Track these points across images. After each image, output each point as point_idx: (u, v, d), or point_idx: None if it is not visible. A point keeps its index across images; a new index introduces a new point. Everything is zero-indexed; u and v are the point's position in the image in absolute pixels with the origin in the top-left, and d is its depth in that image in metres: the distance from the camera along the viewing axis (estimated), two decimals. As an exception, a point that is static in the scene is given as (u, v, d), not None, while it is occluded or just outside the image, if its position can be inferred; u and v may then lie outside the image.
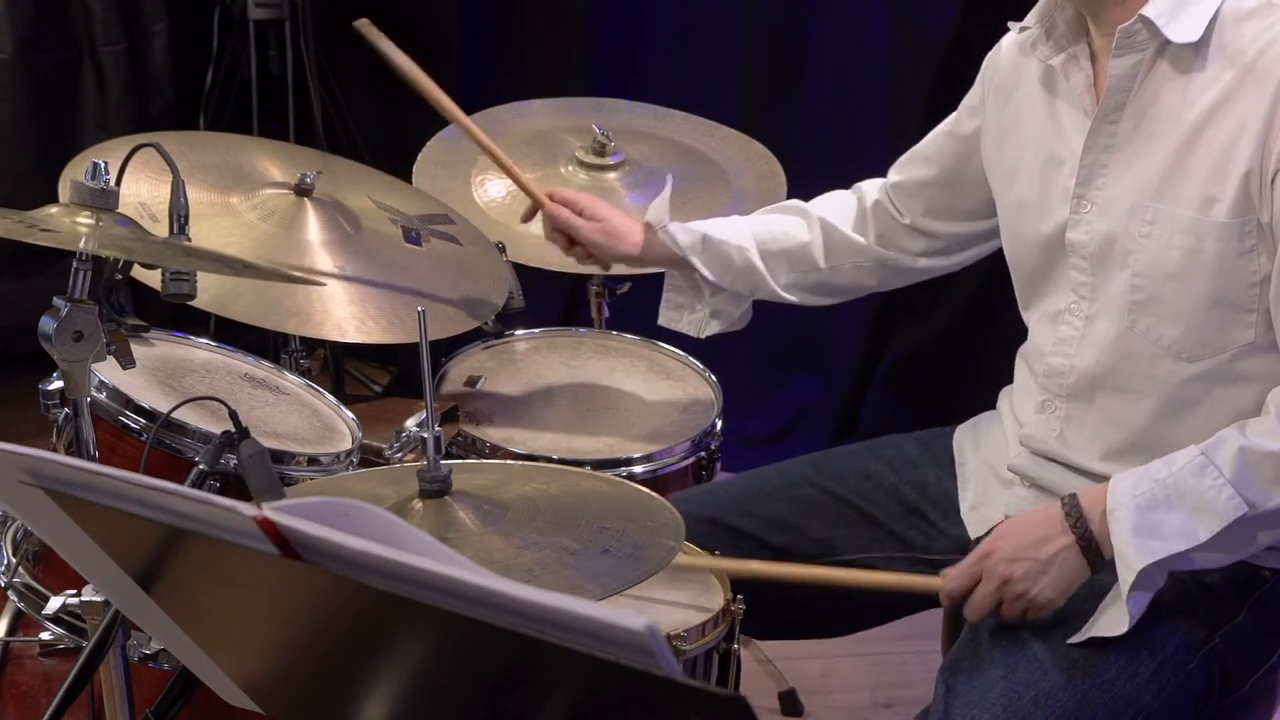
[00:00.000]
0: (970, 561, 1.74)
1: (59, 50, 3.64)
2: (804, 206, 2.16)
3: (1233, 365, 1.71)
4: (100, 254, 1.62)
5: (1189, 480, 1.63)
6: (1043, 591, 1.68)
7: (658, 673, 0.89)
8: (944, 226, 2.07)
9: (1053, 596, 1.69)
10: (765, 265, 2.11)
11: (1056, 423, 1.83)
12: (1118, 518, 1.64)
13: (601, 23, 3.64)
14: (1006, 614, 1.71)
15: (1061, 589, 1.69)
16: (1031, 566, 1.68)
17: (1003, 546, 1.71)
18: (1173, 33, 1.66)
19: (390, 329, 2.04)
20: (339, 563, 1.01)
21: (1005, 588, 1.69)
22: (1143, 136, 1.71)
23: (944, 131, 2.04)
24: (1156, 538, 1.62)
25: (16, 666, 1.96)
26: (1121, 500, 1.65)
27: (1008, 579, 1.69)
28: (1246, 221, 1.65)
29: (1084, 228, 1.77)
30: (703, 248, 2.12)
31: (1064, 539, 1.68)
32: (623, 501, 1.63)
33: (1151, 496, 1.64)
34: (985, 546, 1.73)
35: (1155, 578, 1.65)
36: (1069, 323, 1.81)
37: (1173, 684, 1.70)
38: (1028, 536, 1.70)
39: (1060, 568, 1.68)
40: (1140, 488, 1.65)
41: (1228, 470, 1.61)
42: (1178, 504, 1.63)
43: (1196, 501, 1.62)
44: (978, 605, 1.72)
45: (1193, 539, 1.62)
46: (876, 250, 2.11)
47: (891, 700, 2.81)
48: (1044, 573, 1.68)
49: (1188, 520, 1.62)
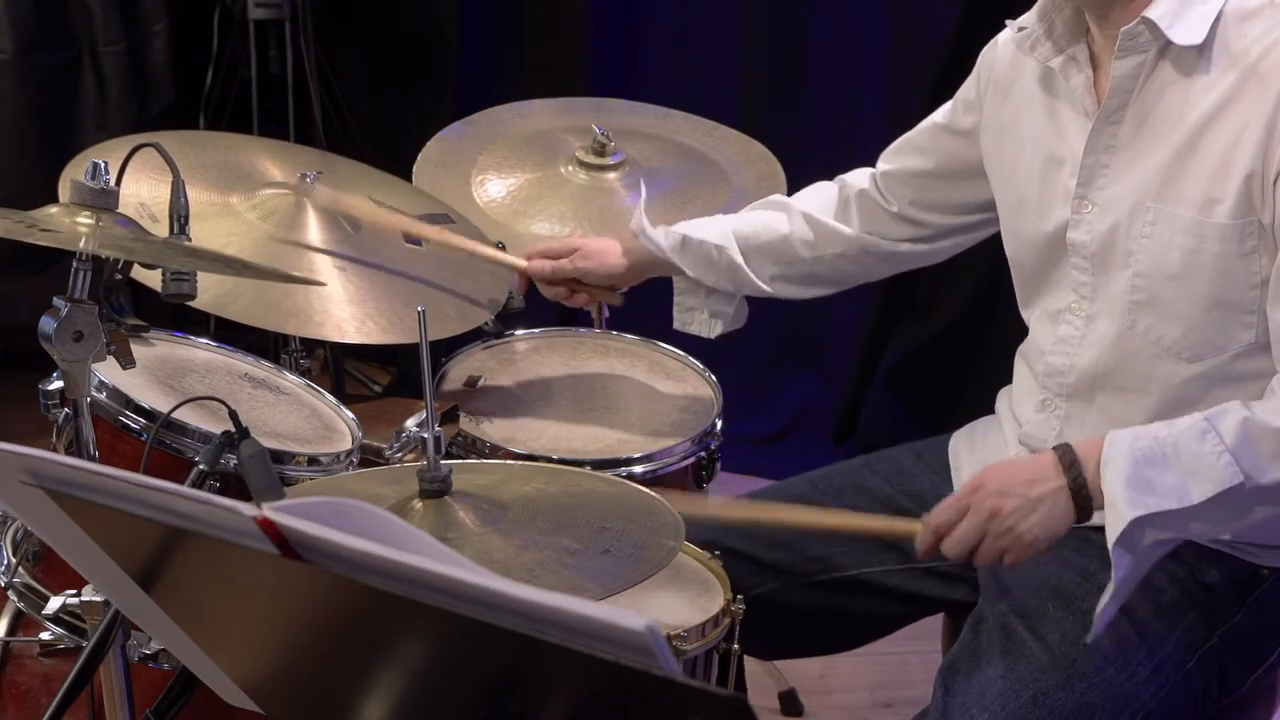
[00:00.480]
0: (957, 495, 1.71)
1: (59, 50, 3.64)
2: (785, 200, 2.17)
3: (1233, 366, 1.70)
4: (100, 254, 1.62)
5: (1189, 442, 1.60)
6: (1030, 529, 1.65)
7: (658, 673, 0.89)
8: (931, 217, 2.07)
9: (1039, 535, 1.65)
10: (747, 261, 2.12)
11: (1056, 422, 1.83)
12: (1113, 468, 1.62)
13: (601, 23, 3.64)
14: (986, 550, 1.67)
15: (1049, 530, 1.66)
16: (1021, 502, 1.65)
17: (992, 481, 1.68)
18: (1176, 34, 1.66)
19: (390, 329, 2.04)
20: (339, 563, 1.01)
21: (992, 521, 1.66)
22: (1145, 137, 1.71)
23: (939, 124, 2.04)
24: (1150, 493, 1.59)
25: (16, 666, 1.96)
26: (1118, 451, 1.62)
27: (996, 512, 1.66)
28: (1248, 223, 1.65)
29: (1085, 228, 1.77)
30: (683, 248, 2.14)
31: (1056, 480, 1.65)
32: (623, 501, 1.63)
33: (1149, 452, 1.61)
34: (974, 480, 1.70)
35: (1141, 537, 1.61)
36: (1069, 322, 1.81)
37: (1171, 683, 1.70)
38: (1019, 474, 1.68)
39: (1050, 508, 1.65)
40: (1139, 443, 1.62)
41: (1229, 438, 1.59)
42: (1174, 463, 1.60)
43: (1193, 463, 1.60)
44: (961, 537, 1.68)
45: (1185, 499, 1.59)
46: (859, 238, 2.11)
47: (891, 700, 2.81)
48: (1033, 510, 1.65)
49: (1182, 481, 1.59)
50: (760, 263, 2.13)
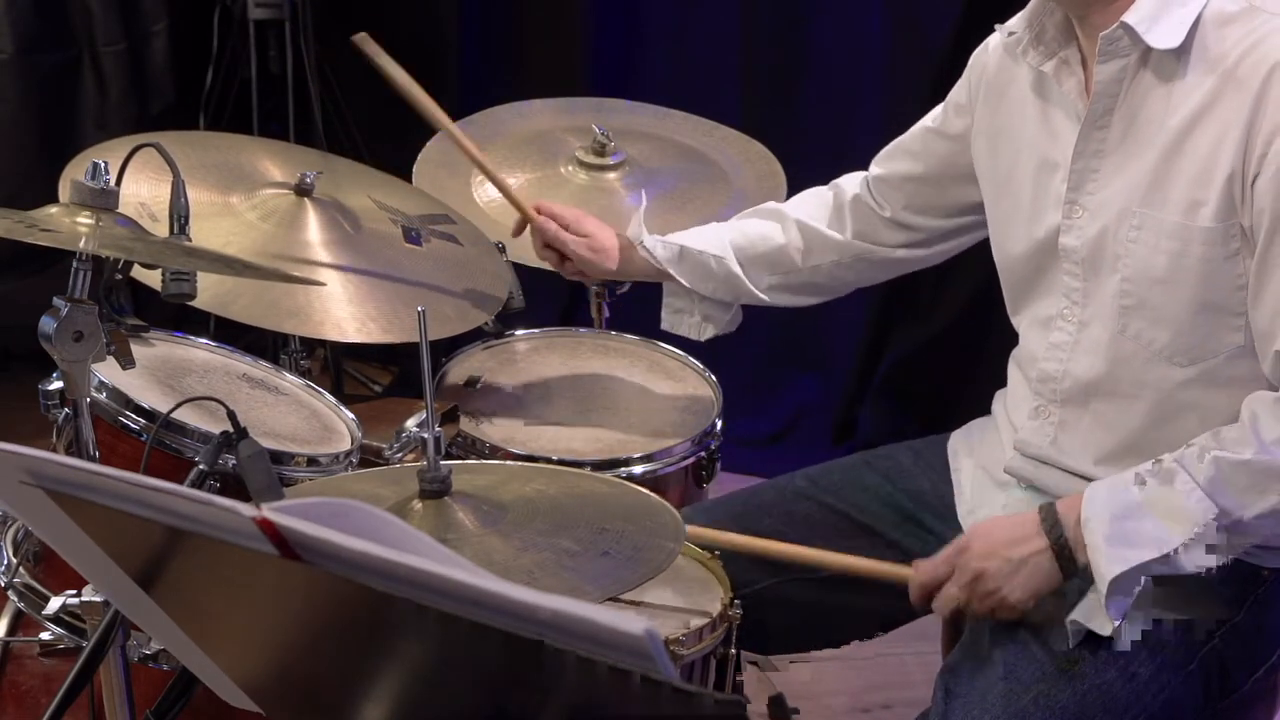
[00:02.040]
0: (945, 555, 1.75)
1: (59, 50, 3.64)
2: (780, 209, 2.17)
3: (1224, 369, 1.71)
4: (100, 254, 1.62)
5: (1162, 488, 1.64)
6: (1013, 591, 1.69)
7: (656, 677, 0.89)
8: (925, 220, 2.07)
9: (1021, 597, 1.70)
10: (745, 272, 2.13)
11: (1050, 428, 1.83)
12: (1091, 527, 1.66)
13: (601, 23, 3.64)
14: (974, 611, 1.72)
15: (1031, 591, 1.70)
16: (1004, 566, 1.69)
17: (978, 544, 1.72)
18: (1153, 39, 1.66)
19: (390, 329, 2.04)
20: (338, 563, 1.01)
21: (976, 584, 1.70)
22: (1131, 141, 1.71)
23: (930, 128, 2.03)
24: (1130, 546, 1.63)
25: (16, 666, 1.96)
26: (1096, 510, 1.66)
27: (980, 575, 1.70)
28: (1231, 225, 1.65)
29: (1076, 232, 1.77)
30: (680, 259, 2.14)
31: (1038, 542, 1.69)
32: (622, 503, 1.63)
33: (1125, 505, 1.65)
34: (961, 542, 1.74)
35: (1132, 583, 1.65)
36: (1061, 328, 1.81)
37: (1172, 684, 1.71)
38: (1004, 536, 1.71)
39: (1032, 570, 1.69)
40: (1115, 496, 1.66)
41: (1200, 477, 1.62)
42: (1151, 511, 1.63)
43: (1169, 508, 1.63)
44: (947, 599, 1.73)
45: (1165, 545, 1.62)
46: (854, 245, 2.11)
47: (891, 701, 2.81)
48: (1015, 573, 1.69)
49: (1160, 527, 1.63)
50: (758, 273, 2.14)
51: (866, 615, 2.01)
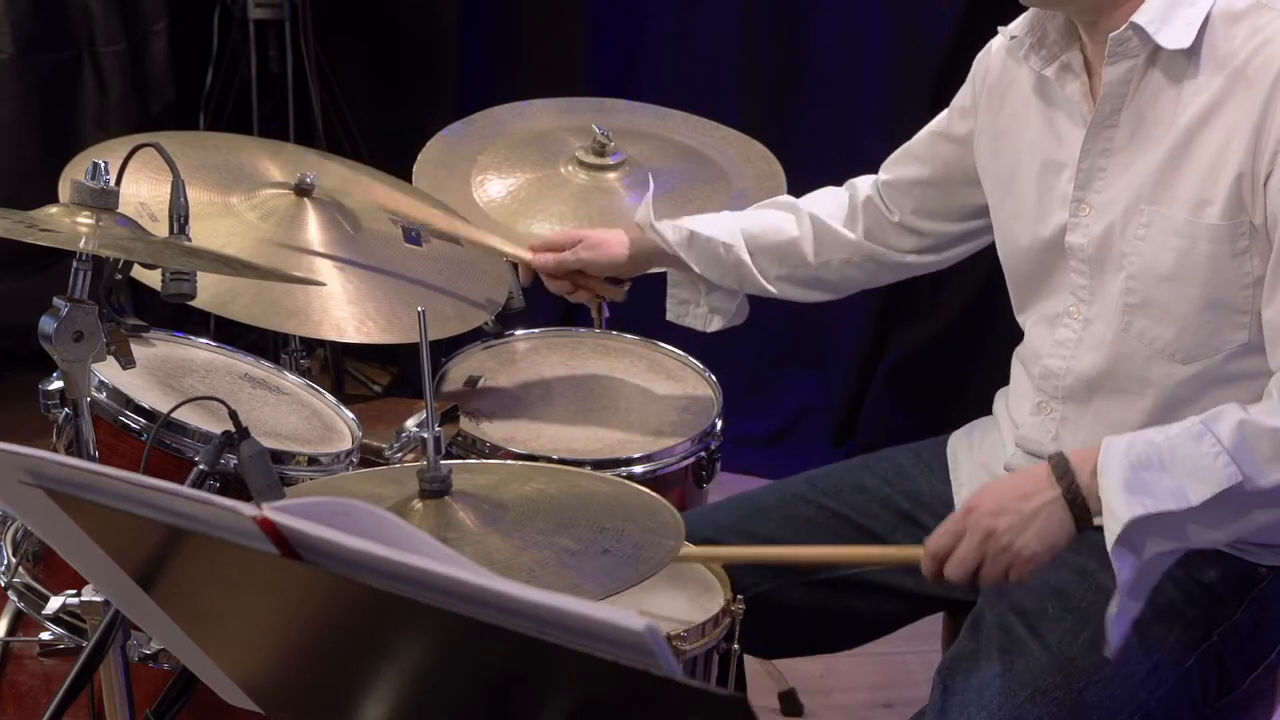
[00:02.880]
0: (953, 519, 1.70)
1: (59, 50, 3.64)
2: (794, 202, 2.17)
3: (1227, 367, 1.70)
4: (100, 254, 1.62)
5: (1185, 444, 1.59)
6: (1027, 544, 1.63)
7: (658, 673, 0.89)
8: (933, 225, 2.07)
9: (1038, 550, 1.63)
10: (754, 261, 2.12)
11: (1052, 425, 1.83)
12: (1109, 473, 1.60)
13: (601, 23, 3.64)
14: (988, 572, 1.66)
15: (1047, 543, 1.63)
16: (1016, 519, 1.63)
17: (986, 501, 1.67)
18: (1163, 39, 1.66)
19: (389, 329, 2.04)
20: (339, 563, 1.01)
21: (989, 541, 1.64)
22: (1139, 140, 1.72)
23: (936, 132, 2.04)
24: (1147, 494, 1.57)
25: (16, 666, 1.96)
26: (1114, 458, 1.60)
27: (991, 532, 1.64)
28: (1239, 224, 1.65)
29: (1082, 231, 1.77)
30: (690, 244, 2.14)
31: (1050, 492, 1.63)
32: (622, 501, 1.63)
33: (1145, 456, 1.60)
34: (969, 502, 1.69)
35: (1141, 541, 1.59)
36: (1068, 325, 1.81)
37: (1170, 682, 1.70)
38: (1012, 491, 1.66)
39: (1045, 520, 1.63)
40: (1134, 448, 1.61)
41: (1226, 440, 1.58)
42: (1171, 466, 1.58)
43: (1190, 466, 1.58)
44: (960, 561, 1.66)
45: (1184, 501, 1.57)
46: (866, 245, 2.11)
47: (891, 700, 2.81)
48: (1028, 525, 1.63)
49: (1180, 483, 1.58)
50: (767, 263, 2.13)
51: (868, 619, 2.01)
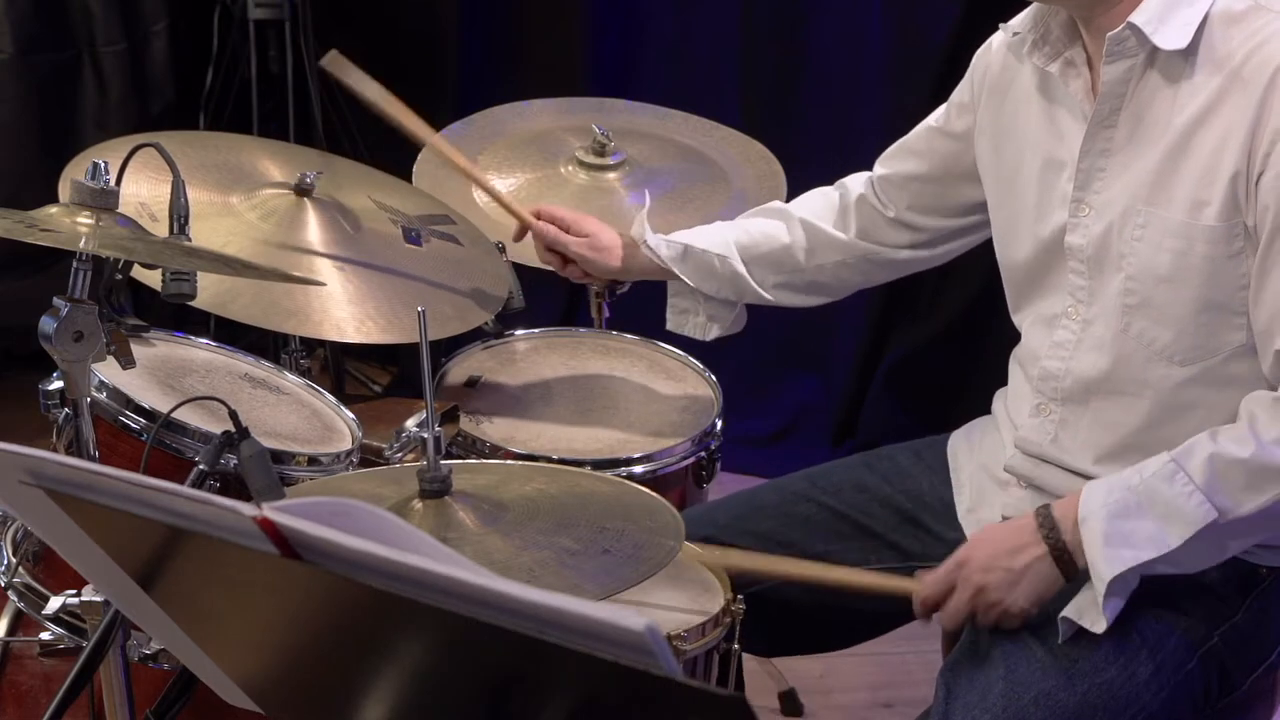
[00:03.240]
0: (945, 570, 1.75)
1: (59, 50, 3.64)
2: (785, 208, 2.17)
3: (1225, 368, 1.71)
4: (100, 254, 1.62)
5: (1160, 487, 1.64)
6: (1015, 601, 1.70)
7: (658, 673, 0.89)
8: (929, 220, 2.07)
9: (1025, 606, 1.71)
10: (749, 271, 2.12)
11: (1051, 426, 1.83)
12: (1089, 526, 1.66)
13: (601, 23, 3.64)
14: (980, 622, 1.73)
15: (1034, 598, 1.70)
16: (1005, 576, 1.70)
17: (977, 555, 1.73)
18: (1161, 40, 1.66)
19: (389, 329, 2.04)
20: (339, 563, 1.01)
21: (979, 597, 1.71)
22: (1138, 141, 1.72)
23: (934, 127, 2.03)
24: (1127, 546, 1.64)
25: (16, 666, 1.96)
26: (1093, 509, 1.66)
27: (982, 588, 1.71)
28: (1234, 224, 1.65)
29: (1081, 231, 1.77)
30: (684, 259, 2.14)
31: (1037, 549, 1.69)
32: (622, 502, 1.64)
33: (1123, 504, 1.65)
34: (960, 555, 1.75)
35: (1129, 583, 1.66)
36: (1066, 326, 1.81)
37: (1172, 683, 1.71)
38: (1002, 545, 1.72)
39: (1033, 577, 1.69)
40: (1113, 495, 1.66)
41: (1198, 477, 1.62)
42: (1149, 511, 1.64)
43: (1166, 508, 1.63)
44: (952, 614, 1.74)
45: (1163, 546, 1.63)
46: (859, 245, 2.11)
47: (891, 700, 2.81)
48: (1017, 582, 1.70)
49: (1158, 527, 1.63)
50: (763, 272, 2.13)
51: (868, 617, 2.01)
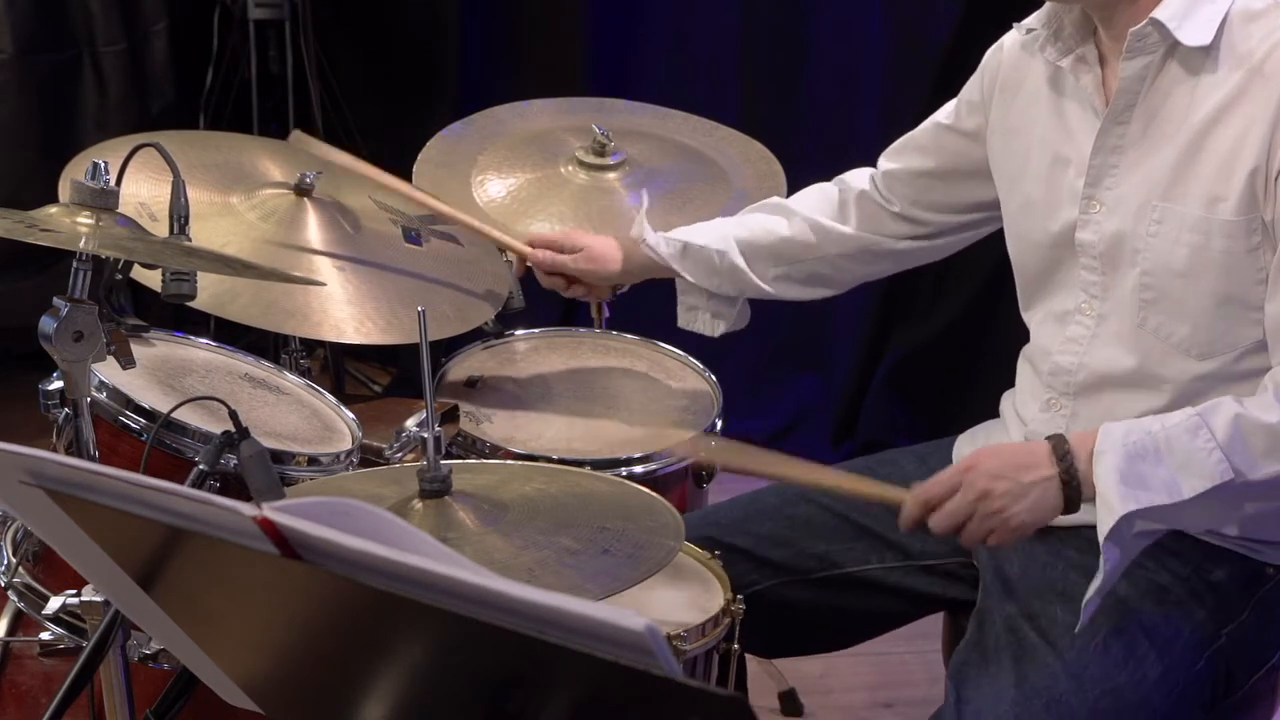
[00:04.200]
0: (951, 471, 1.72)
1: (59, 50, 3.64)
2: (784, 203, 2.17)
3: (1241, 363, 1.71)
4: (100, 254, 1.62)
5: (1181, 437, 1.62)
6: (1016, 515, 1.67)
7: (658, 673, 0.89)
8: (932, 216, 2.07)
9: (1026, 521, 1.67)
10: (749, 265, 2.13)
11: (1062, 421, 1.83)
12: (1105, 461, 1.63)
13: (601, 23, 3.64)
14: (972, 530, 1.69)
15: (1035, 517, 1.67)
16: (1013, 486, 1.67)
17: (986, 462, 1.70)
18: (1184, 35, 1.67)
19: (389, 329, 2.04)
20: (339, 563, 1.01)
21: (981, 502, 1.68)
22: (1152, 137, 1.72)
23: (943, 124, 2.03)
24: (1141, 487, 1.61)
25: (16, 666, 1.96)
26: (1111, 445, 1.64)
27: (987, 493, 1.67)
28: (1253, 219, 1.66)
29: (1093, 227, 1.77)
30: (684, 256, 2.15)
31: (1048, 469, 1.67)
32: (623, 501, 1.64)
33: (1141, 446, 1.63)
34: (969, 460, 1.72)
35: (1130, 528, 1.62)
36: (1080, 322, 1.81)
37: (1181, 685, 1.70)
38: (1013, 459, 1.69)
39: (1039, 496, 1.67)
40: (1131, 436, 1.64)
41: (1221, 434, 1.61)
42: (1166, 458, 1.62)
43: (1185, 459, 1.61)
44: (949, 514, 1.69)
45: (1176, 494, 1.61)
46: (860, 237, 2.11)
47: (891, 700, 2.81)
48: (1023, 495, 1.67)
49: (1173, 476, 1.61)
50: (762, 265, 2.14)
51: (868, 617, 2.01)
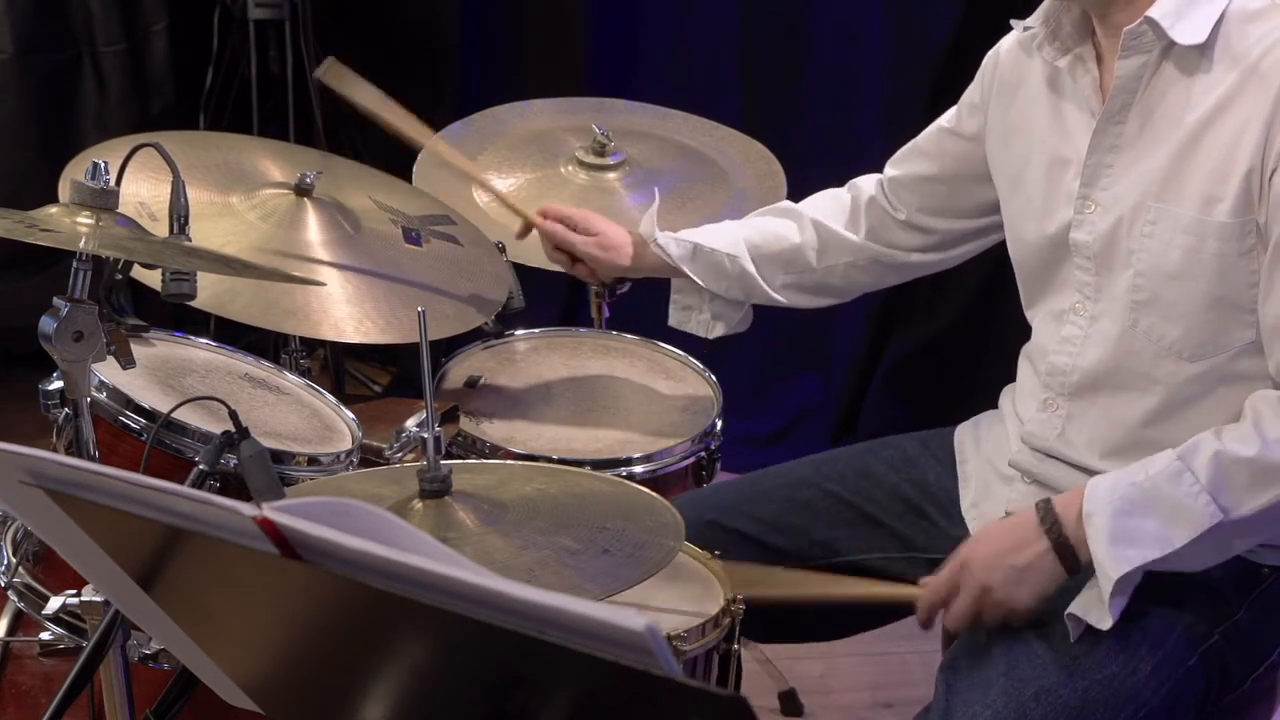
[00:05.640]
0: (948, 572, 1.75)
1: (59, 50, 3.64)
2: (795, 208, 2.17)
3: (1233, 365, 1.71)
4: (100, 254, 1.62)
5: (1165, 486, 1.63)
6: (1021, 599, 1.69)
7: (658, 673, 0.89)
8: (939, 223, 2.07)
9: (1030, 603, 1.70)
10: (758, 270, 2.12)
11: (1058, 421, 1.83)
12: (1094, 523, 1.65)
13: (601, 23, 3.64)
14: (986, 622, 1.72)
15: (1038, 594, 1.70)
16: (1008, 574, 1.69)
17: (979, 554, 1.72)
18: (1178, 34, 1.66)
19: (388, 329, 2.04)
20: (339, 563, 1.01)
21: (984, 597, 1.71)
22: (1147, 137, 1.72)
23: (944, 129, 2.03)
24: (1132, 545, 1.63)
25: (16, 666, 1.96)
26: (1098, 505, 1.65)
27: (986, 588, 1.70)
28: (1247, 221, 1.65)
29: (1088, 228, 1.77)
30: (694, 257, 2.15)
31: (1039, 545, 1.68)
32: (623, 502, 1.63)
33: (1128, 501, 1.64)
34: (962, 556, 1.74)
35: (1133, 580, 1.65)
36: (1073, 322, 1.81)
37: (1173, 680, 1.71)
38: (1003, 543, 1.71)
39: (1036, 573, 1.69)
40: (1117, 491, 1.65)
41: (1203, 476, 1.62)
42: (1154, 510, 1.63)
43: (1173, 507, 1.63)
44: (957, 616, 1.73)
45: (1168, 546, 1.63)
46: (869, 247, 2.11)
47: (891, 700, 2.81)
48: (1021, 580, 1.69)
49: (1163, 527, 1.63)
50: (772, 271, 2.13)
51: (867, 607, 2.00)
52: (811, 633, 2.12)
